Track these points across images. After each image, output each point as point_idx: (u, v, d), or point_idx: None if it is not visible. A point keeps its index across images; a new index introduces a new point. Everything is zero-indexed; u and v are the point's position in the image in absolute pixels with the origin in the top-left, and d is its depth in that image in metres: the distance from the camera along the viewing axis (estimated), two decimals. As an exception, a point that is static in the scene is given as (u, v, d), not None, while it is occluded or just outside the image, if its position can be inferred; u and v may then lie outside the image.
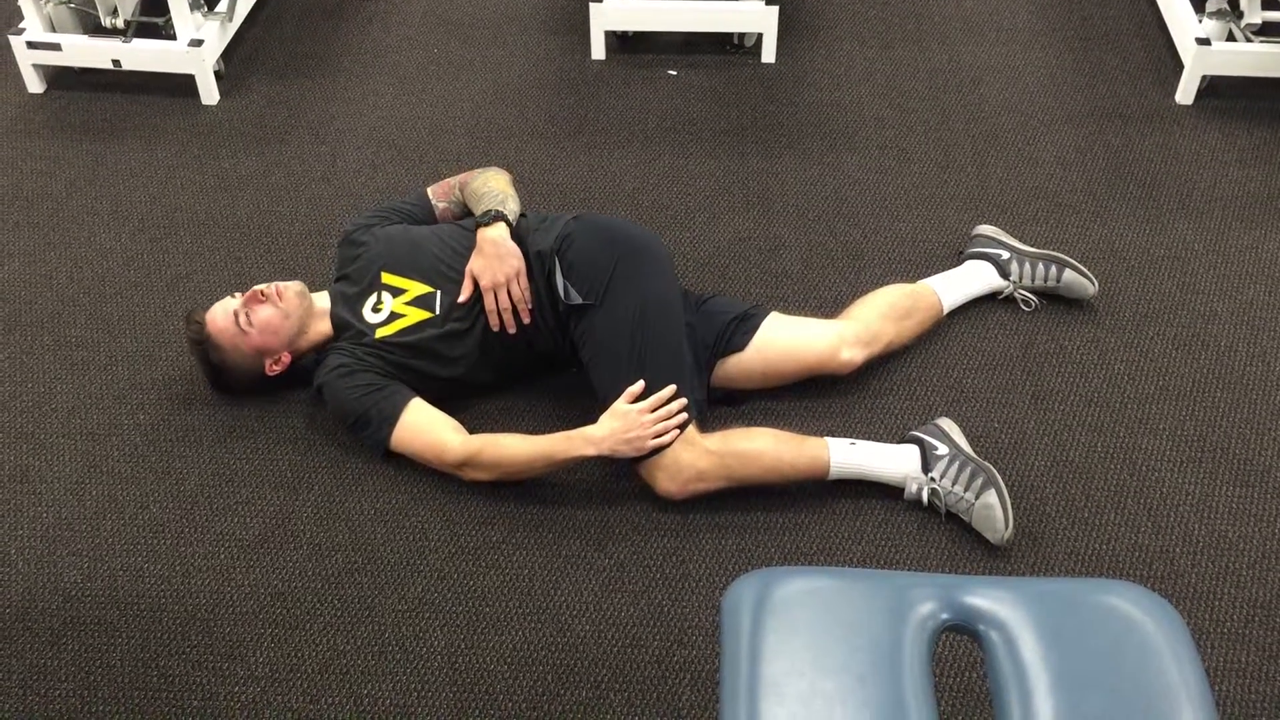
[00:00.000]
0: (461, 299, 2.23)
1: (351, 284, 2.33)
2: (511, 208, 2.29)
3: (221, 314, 2.27)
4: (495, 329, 2.23)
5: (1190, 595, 2.03)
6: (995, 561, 2.08)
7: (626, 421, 2.09)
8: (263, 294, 2.26)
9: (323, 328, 2.32)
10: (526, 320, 2.23)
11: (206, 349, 2.28)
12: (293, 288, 2.30)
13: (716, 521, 2.15)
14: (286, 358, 2.30)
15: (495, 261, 2.20)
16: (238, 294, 2.30)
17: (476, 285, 2.23)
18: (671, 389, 2.12)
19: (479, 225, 2.24)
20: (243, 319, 2.24)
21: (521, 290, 2.21)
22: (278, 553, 2.12)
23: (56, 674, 1.95)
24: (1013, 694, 1.27)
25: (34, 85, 3.30)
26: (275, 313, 2.26)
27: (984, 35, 3.49)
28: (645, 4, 3.31)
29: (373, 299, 2.29)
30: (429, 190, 2.49)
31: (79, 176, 3.01)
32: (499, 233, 2.22)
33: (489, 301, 2.21)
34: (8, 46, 3.29)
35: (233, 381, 2.35)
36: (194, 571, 2.10)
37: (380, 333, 2.26)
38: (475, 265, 2.22)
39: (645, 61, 3.41)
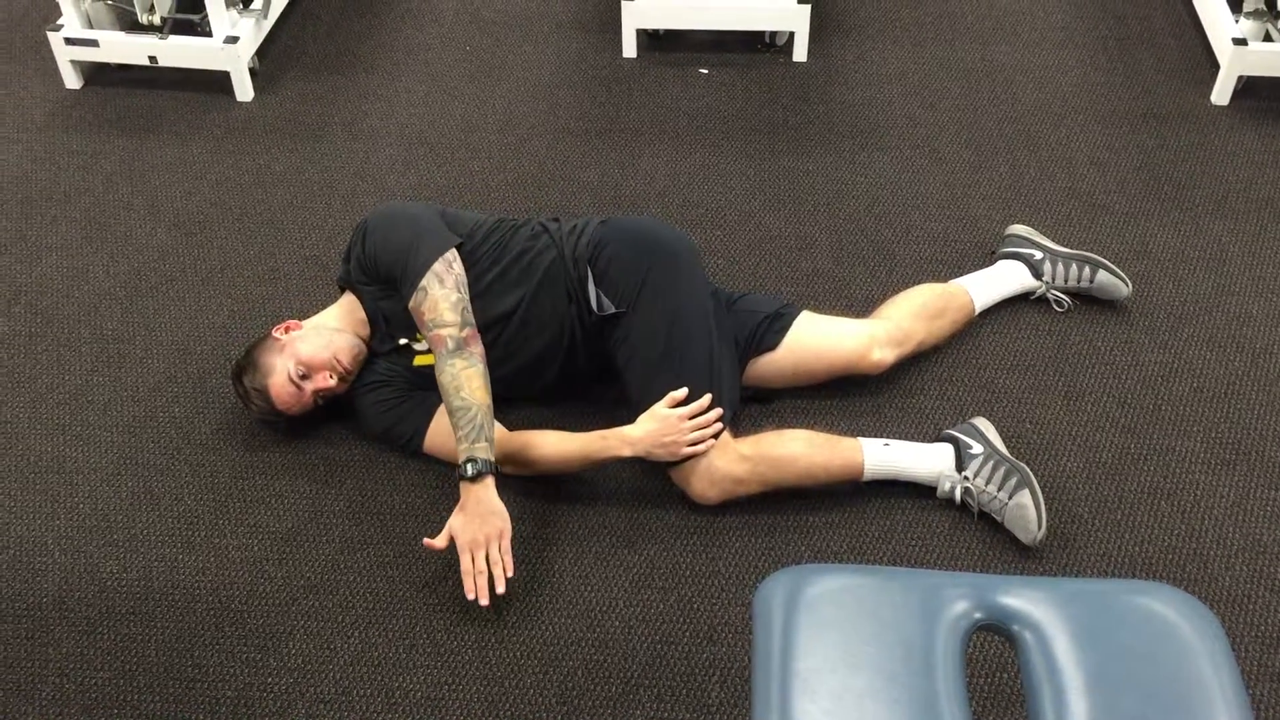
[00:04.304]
0: (438, 546, 2.02)
1: (394, 303, 2.24)
2: (490, 436, 2.04)
3: (288, 393, 2.21)
4: (469, 594, 1.99)
5: (1224, 599, 2.01)
6: (1027, 562, 2.07)
7: (665, 425, 2.09)
8: (332, 375, 2.21)
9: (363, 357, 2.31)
10: (501, 590, 1.99)
11: (279, 420, 2.30)
12: (348, 351, 2.24)
13: (746, 521, 2.15)
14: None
15: (477, 521, 1.99)
16: (277, 336, 2.24)
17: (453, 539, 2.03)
18: (708, 399, 2.11)
19: (461, 477, 2.00)
20: (319, 400, 2.24)
21: (501, 553, 2.00)
22: (310, 545, 2.14)
23: (93, 662, 1.97)
24: (1046, 695, 1.27)
25: (71, 81, 3.34)
26: (345, 385, 2.25)
27: (1017, 35, 3.47)
28: (677, 2, 3.30)
29: (414, 332, 2.25)
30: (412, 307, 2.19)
31: (115, 172, 3.04)
32: (485, 490, 2.00)
33: (465, 562, 1.99)
34: (46, 43, 3.33)
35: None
36: (228, 563, 2.12)
37: (419, 361, 2.26)
38: (455, 522, 2.01)
39: (676, 60, 3.41)
